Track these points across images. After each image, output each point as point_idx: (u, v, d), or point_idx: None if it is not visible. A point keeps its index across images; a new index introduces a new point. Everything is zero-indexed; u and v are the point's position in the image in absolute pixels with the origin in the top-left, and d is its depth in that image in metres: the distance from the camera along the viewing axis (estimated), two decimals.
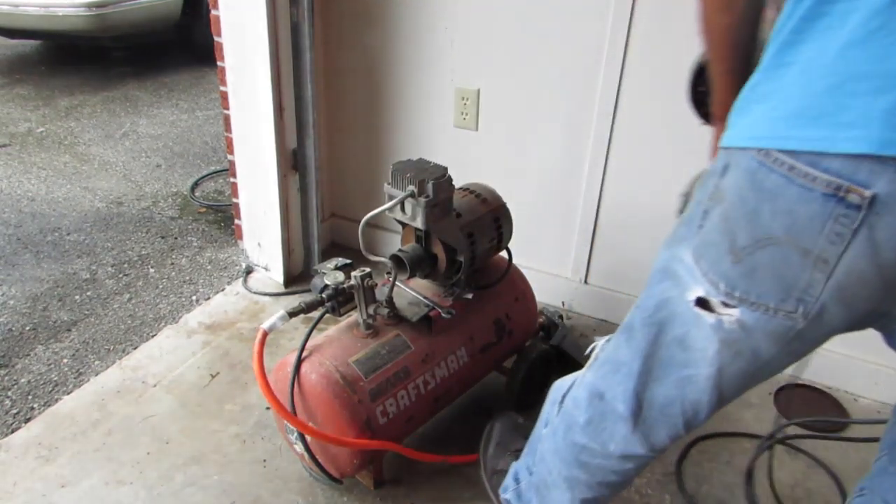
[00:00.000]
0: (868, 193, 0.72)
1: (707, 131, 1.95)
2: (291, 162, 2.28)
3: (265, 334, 1.44)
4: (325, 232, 2.63)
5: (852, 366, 1.94)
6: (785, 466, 1.72)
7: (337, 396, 1.43)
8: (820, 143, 0.73)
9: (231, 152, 2.38)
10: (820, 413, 1.90)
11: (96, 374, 1.98)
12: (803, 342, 0.88)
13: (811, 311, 0.82)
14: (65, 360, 2.06)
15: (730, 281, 0.86)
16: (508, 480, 1.39)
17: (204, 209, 3.03)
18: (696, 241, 0.90)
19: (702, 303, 0.90)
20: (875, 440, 1.81)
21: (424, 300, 1.65)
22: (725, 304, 0.87)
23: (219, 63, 2.24)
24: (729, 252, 0.85)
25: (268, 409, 1.84)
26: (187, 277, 2.50)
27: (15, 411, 1.85)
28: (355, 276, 1.48)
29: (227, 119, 2.32)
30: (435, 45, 2.18)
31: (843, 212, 0.74)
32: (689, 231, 0.93)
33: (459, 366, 1.65)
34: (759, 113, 0.80)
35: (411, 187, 1.47)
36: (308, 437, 1.49)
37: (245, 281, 2.45)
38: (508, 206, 1.74)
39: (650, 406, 1.03)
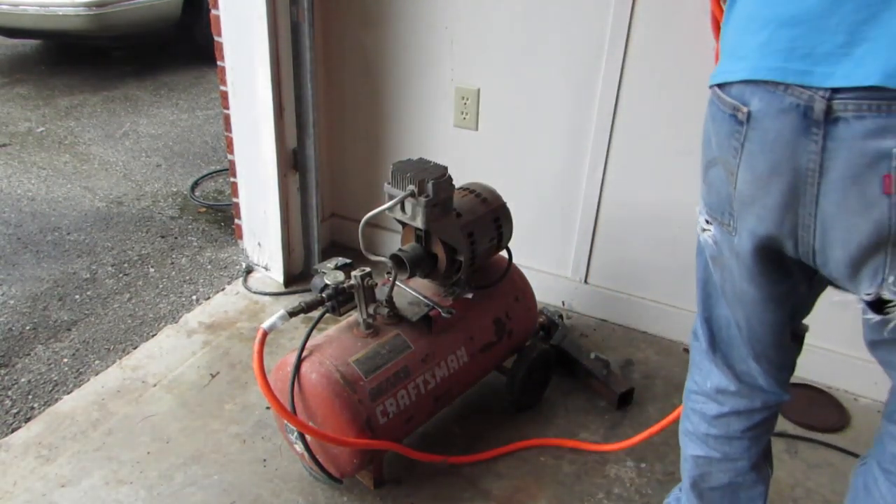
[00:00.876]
0: (745, 110, 0.89)
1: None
2: (291, 161, 2.28)
3: (265, 334, 1.44)
4: (325, 231, 2.63)
5: (852, 366, 1.93)
6: (785, 466, 1.72)
7: (337, 396, 1.43)
8: (727, 74, 0.92)
9: (231, 152, 2.38)
10: (820, 413, 1.90)
11: (96, 374, 1.98)
12: (756, 271, 1.01)
13: (735, 223, 0.98)
14: (65, 360, 2.06)
15: (703, 202, 1.06)
16: None
17: (204, 209, 3.03)
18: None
19: (703, 229, 1.08)
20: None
21: (424, 300, 1.65)
22: (708, 222, 1.06)
23: (219, 63, 2.24)
24: (701, 178, 1.05)
25: (268, 408, 1.84)
26: (187, 277, 2.50)
27: (15, 411, 1.85)
28: (355, 276, 1.48)
29: (227, 119, 2.32)
30: (435, 44, 2.18)
31: (736, 128, 0.91)
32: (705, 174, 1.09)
33: (459, 365, 1.65)
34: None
35: (411, 187, 1.47)
36: (308, 437, 1.49)
37: (245, 280, 2.45)
38: (508, 205, 1.74)
39: (717, 329, 1.17)
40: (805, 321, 1.18)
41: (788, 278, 1.03)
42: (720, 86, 0.95)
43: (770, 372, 1.16)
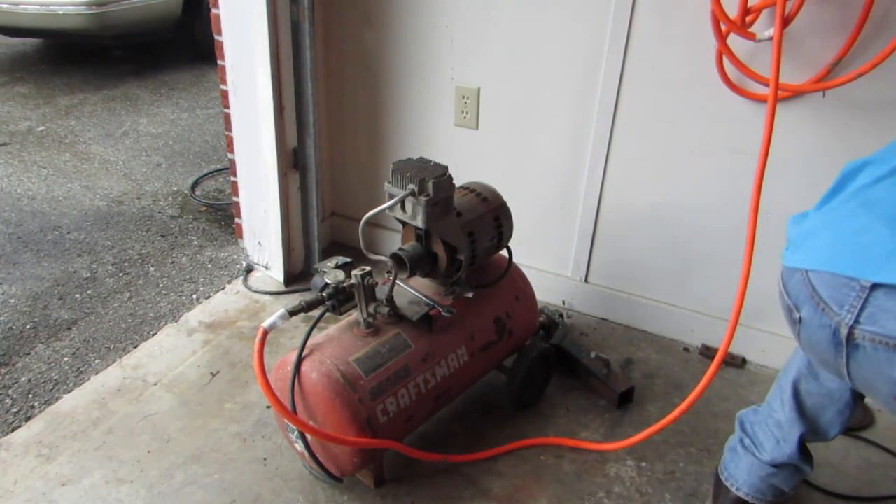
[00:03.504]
0: (797, 315, 1.14)
1: (704, 132, 1.96)
2: (292, 161, 2.28)
3: (265, 333, 1.43)
4: (325, 231, 2.63)
5: None
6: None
7: (337, 395, 1.43)
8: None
9: (231, 151, 2.38)
10: None
11: (97, 373, 1.99)
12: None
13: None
14: (65, 359, 2.06)
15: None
16: None
17: (204, 208, 3.03)
18: None
19: None
20: (876, 445, 1.81)
21: (425, 299, 1.65)
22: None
23: (219, 62, 2.24)
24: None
25: (268, 407, 1.84)
26: (188, 276, 2.50)
27: (15, 410, 1.85)
28: (356, 275, 1.48)
29: (227, 118, 2.32)
30: (435, 43, 2.18)
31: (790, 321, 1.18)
32: None
33: (460, 365, 1.65)
34: None
35: (412, 186, 1.47)
36: (308, 436, 1.49)
37: (245, 279, 2.45)
38: (509, 204, 1.74)
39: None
40: None
41: None
42: (785, 274, 1.17)
43: None
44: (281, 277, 2.42)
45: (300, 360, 1.48)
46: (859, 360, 1.06)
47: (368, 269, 1.51)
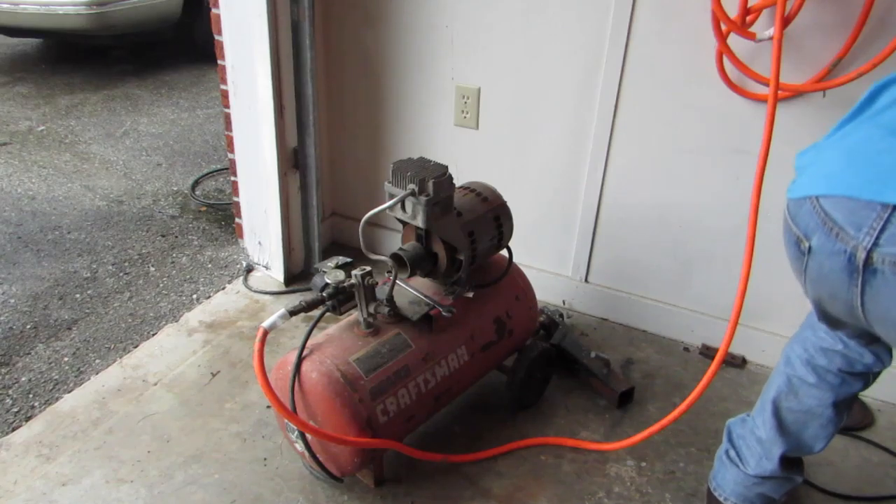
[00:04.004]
0: (807, 244, 1.09)
1: (704, 131, 1.96)
2: (292, 160, 2.28)
3: (265, 333, 1.43)
4: (325, 230, 2.63)
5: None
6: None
7: (338, 395, 1.43)
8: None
9: (231, 151, 2.38)
10: None
11: (97, 373, 1.99)
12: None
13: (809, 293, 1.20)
14: (65, 359, 2.06)
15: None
16: None
17: (204, 208, 3.03)
18: None
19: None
20: (876, 445, 1.82)
21: (425, 299, 1.65)
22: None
23: (219, 61, 2.24)
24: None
25: (268, 407, 1.84)
26: (188, 276, 2.50)
27: (16, 410, 1.85)
28: (356, 275, 1.48)
29: (227, 117, 2.32)
30: (436, 43, 2.18)
31: (798, 255, 1.13)
32: None
33: (460, 364, 1.65)
34: None
35: (412, 186, 1.47)
36: (309, 436, 1.49)
37: (245, 279, 2.45)
38: (509, 204, 1.74)
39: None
40: None
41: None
42: (792, 207, 1.12)
43: (856, 342, 1.31)
44: (281, 277, 2.42)
45: (300, 359, 1.48)
46: (876, 288, 1.00)
47: (369, 268, 1.51)
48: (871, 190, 0.97)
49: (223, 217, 2.93)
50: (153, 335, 2.16)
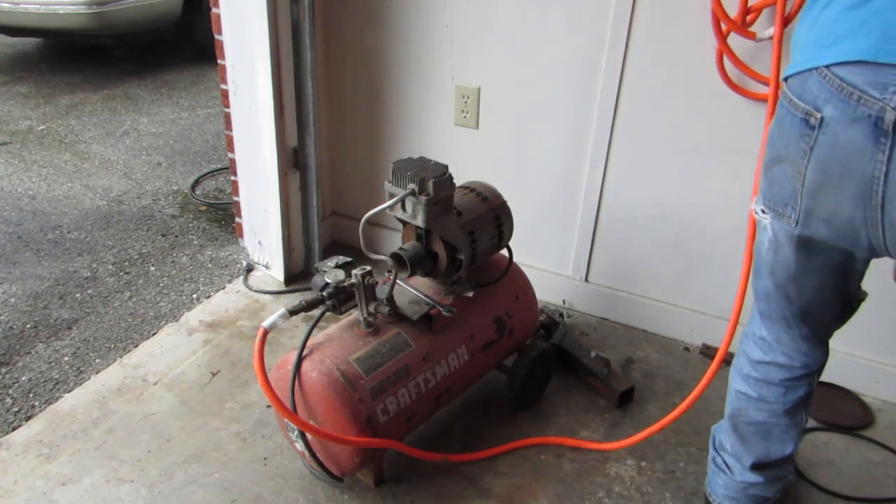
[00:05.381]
0: (818, 116, 0.98)
1: (705, 131, 1.96)
2: (292, 160, 2.28)
3: (266, 332, 1.43)
4: (325, 230, 2.63)
5: (853, 364, 1.94)
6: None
7: (338, 394, 1.43)
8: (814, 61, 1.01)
9: (232, 150, 2.38)
10: (844, 410, 1.90)
11: (97, 372, 1.99)
12: (814, 251, 1.14)
13: (799, 216, 1.09)
14: (66, 358, 2.06)
15: (763, 194, 1.18)
16: None
17: (205, 207, 3.03)
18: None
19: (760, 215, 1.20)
20: (877, 443, 1.82)
21: (425, 298, 1.65)
22: (763, 212, 1.18)
23: (219, 61, 2.24)
24: (763, 173, 1.17)
25: (268, 407, 1.84)
26: (188, 275, 2.50)
27: (16, 409, 1.85)
28: (356, 275, 1.48)
29: (227, 117, 2.32)
30: (436, 43, 2.18)
31: (806, 131, 1.01)
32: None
33: (460, 364, 1.65)
34: None
35: (412, 185, 1.47)
36: (309, 435, 1.49)
37: (246, 279, 2.45)
38: (509, 204, 1.74)
39: (759, 297, 1.32)
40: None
41: (838, 254, 1.14)
42: (793, 84, 1.03)
43: (812, 335, 1.29)
44: (281, 277, 2.42)
45: (300, 359, 1.48)
46: None
47: (369, 268, 1.51)
48: (890, 51, 0.91)
49: (223, 216, 2.93)
50: (153, 335, 2.16)
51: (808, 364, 1.31)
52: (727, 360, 2.08)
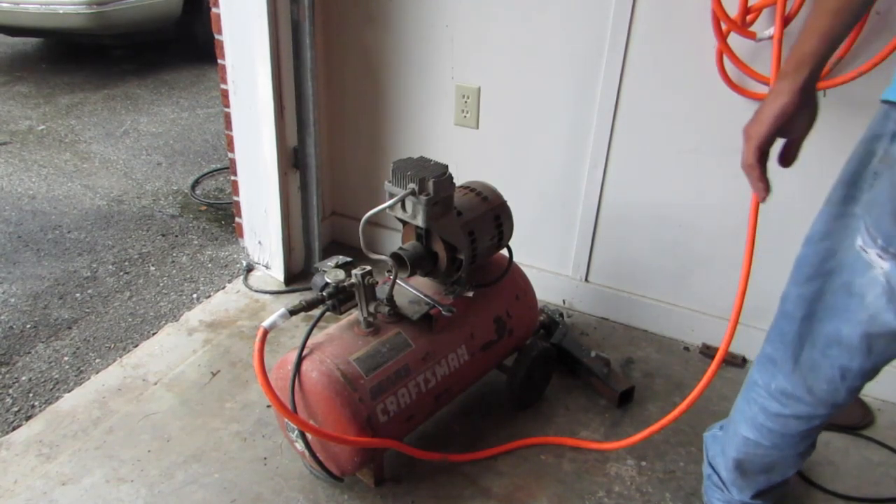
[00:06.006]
0: None
1: (705, 131, 1.96)
2: (292, 160, 2.28)
3: (266, 332, 1.43)
4: (325, 230, 2.63)
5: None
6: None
7: (338, 394, 1.43)
8: None
9: (232, 150, 2.38)
10: (844, 410, 1.90)
11: (97, 372, 1.99)
12: None
13: None
14: (66, 358, 2.06)
15: (887, 237, 0.97)
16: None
17: (205, 207, 3.03)
18: (866, 197, 1.00)
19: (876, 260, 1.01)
20: (877, 443, 1.81)
21: (425, 298, 1.65)
22: (880, 257, 0.99)
23: (219, 61, 2.24)
24: (891, 214, 0.95)
25: (268, 406, 1.84)
26: (188, 275, 2.50)
27: (16, 409, 1.85)
28: (356, 274, 1.48)
29: (227, 117, 2.32)
30: (435, 42, 2.18)
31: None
32: (857, 190, 1.03)
33: (460, 364, 1.65)
34: None
35: (412, 185, 1.47)
36: (309, 435, 1.49)
37: (246, 279, 2.45)
38: (509, 203, 1.74)
39: (812, 346, 1.14)
40: None
41: None
42: None
43: (859, 388, 1.15)
44: (281, 276, 2.42)
45: (300, 359, 1.48)
46: None
47: (369, 268, 1.51)
48: None
49: (223, 216, 2.93)
50: (153, 334, 2.16)
51: (833, 412, 1.20)
52: (727, 359, 2.09)
